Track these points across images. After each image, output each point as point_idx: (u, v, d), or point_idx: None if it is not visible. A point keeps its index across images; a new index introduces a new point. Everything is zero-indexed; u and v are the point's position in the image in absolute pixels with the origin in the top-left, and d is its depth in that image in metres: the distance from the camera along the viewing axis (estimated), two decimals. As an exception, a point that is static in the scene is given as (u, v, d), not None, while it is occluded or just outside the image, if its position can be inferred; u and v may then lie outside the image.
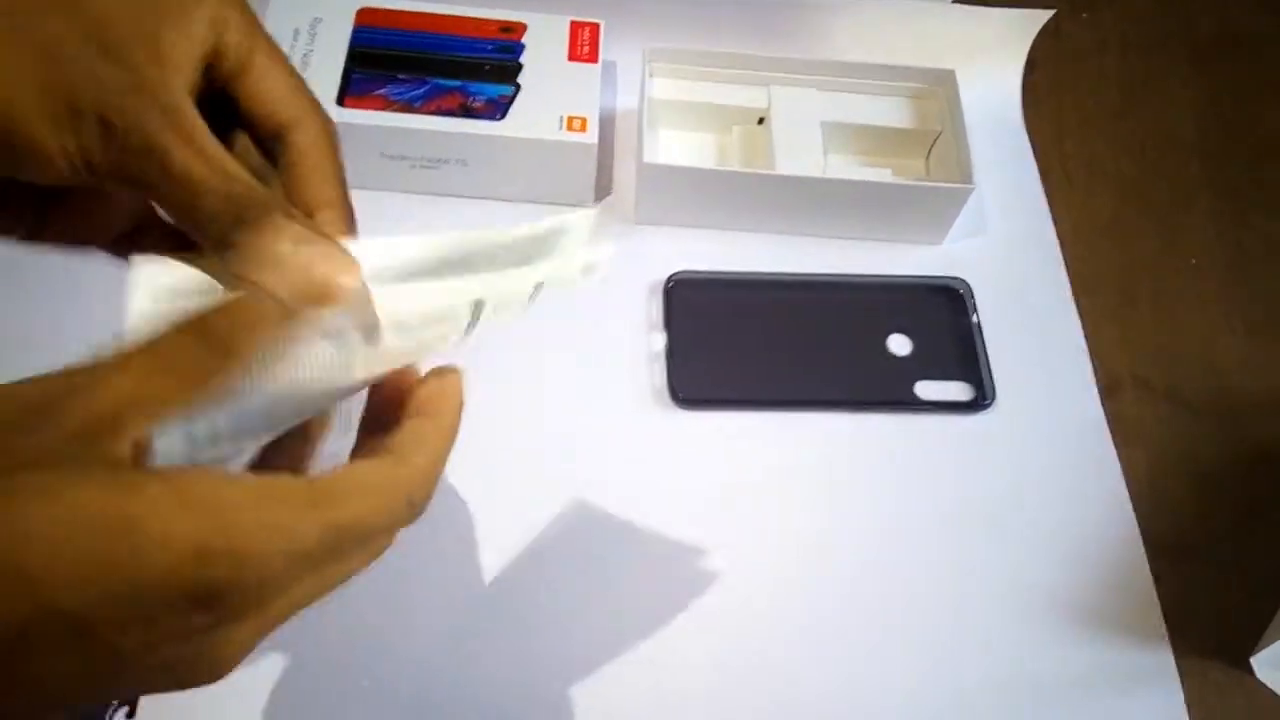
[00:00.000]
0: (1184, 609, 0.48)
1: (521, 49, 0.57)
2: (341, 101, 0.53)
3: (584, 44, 0.57)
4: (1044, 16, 0.63)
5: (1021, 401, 0.53)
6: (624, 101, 0.61)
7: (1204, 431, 0.54)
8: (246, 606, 0.21)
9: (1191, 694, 0.46)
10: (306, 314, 0.24)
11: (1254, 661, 0.47)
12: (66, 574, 0.19)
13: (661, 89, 0.59)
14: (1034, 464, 0.51)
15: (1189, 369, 0.56)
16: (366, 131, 0.53)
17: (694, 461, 0.50)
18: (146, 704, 0.42)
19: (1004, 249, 0.59)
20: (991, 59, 0.64)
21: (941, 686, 0.45)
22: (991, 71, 0.64)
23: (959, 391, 0.53)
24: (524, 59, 0.56)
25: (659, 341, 0.53)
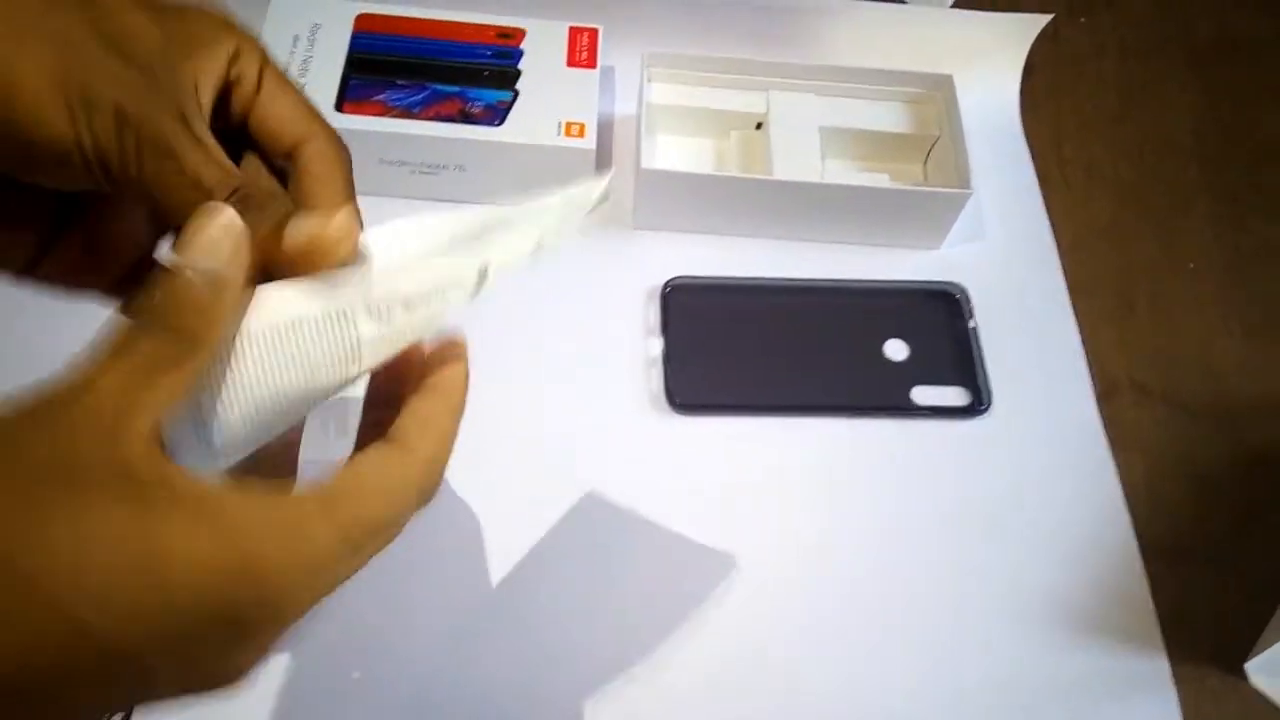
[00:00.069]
0: (1180, 613, 0.48)
1: (520, 54, 0.57)
2: (340, 107, 0.54)
3: (582, 49, 0.57)
4: (1042, 21, 0.63)
5: (1018, 406, 0.53)
6: (622, 107, 0.61)
7: (1201, 435, 0.54)
8: (266, 620, 0.21)
9: (1187, 699, 0.46)
10: (314, 294, 0.24)
11: (1249, 667, 0.47)
12: (96, 599, 0.19)
13: (660, 94, 0.59)
14: (1031, 468, 0.52)
15: (1186, 373, 0.56)
16: (365, 137, 0.53)
17: (691, 466, 0.50)
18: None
19: (1002, 253, 0.59)
20: (989, 64, 0.64)
21: (937, 690, 0.46)
22: (989, 76, 0.64)
23: (956, 396, 0.53)
24: (523, 64, 0.56)
25: (656, 346, 0.53)
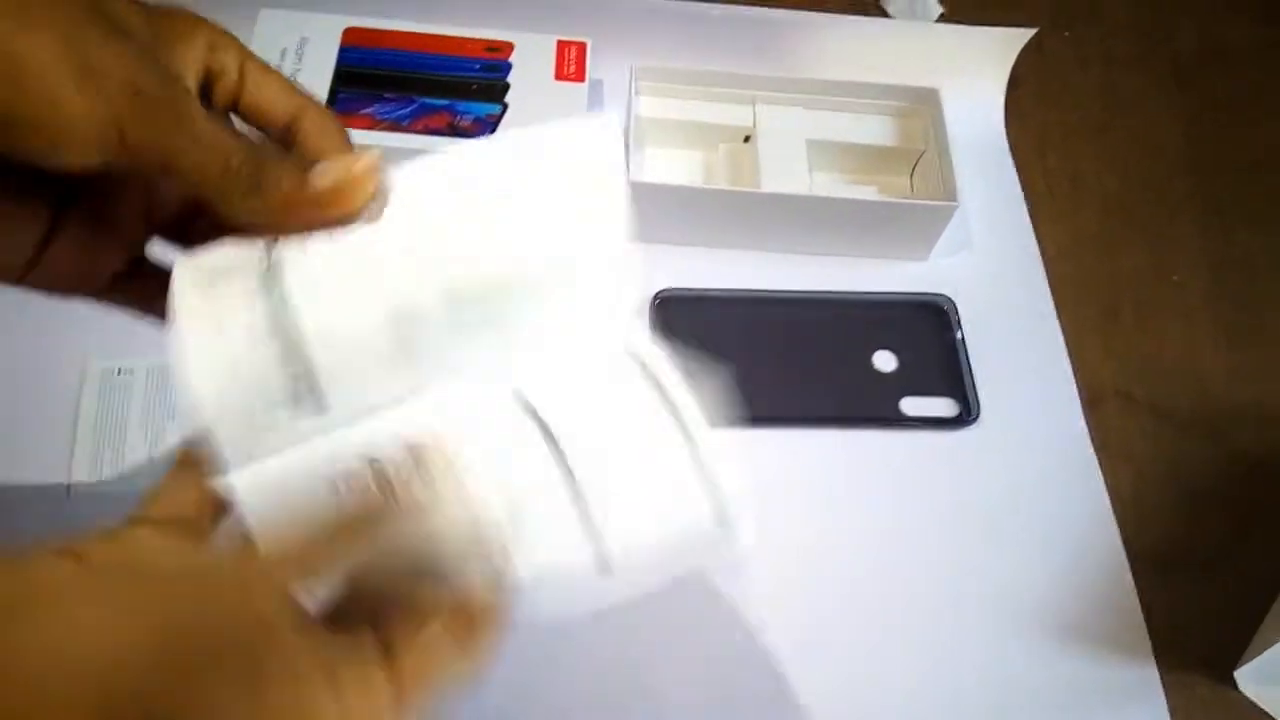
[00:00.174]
0: (1169, 622, 0.48)
1: (509, 68, 0.57)
2: (329, 121, 0.54)
3: (571, 63, 0.58)
4: (1027, 34, 0.63)
5: (1006, 416, 0.53)
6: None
7: (1188, 444, 0.54)
8: None
9: (1176, 708, 0.46)
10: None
11: (1239, 675, 0.47)
12: None
13: (648, 107, 0.59)
14: (1019, 478, 0.52)
15: (1173, 382, 0.56)
16: (354, 151, 0.53)
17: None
18: None
19: (989, 264, 0.59)
20: (975, 77, 0.64)
21: (928, 700, 0.45)
22: (975, 89, 0.64)
23: (944, 407, 0.53)
24: (511, 78, 0.57)
25: (646, 358, 0.53)
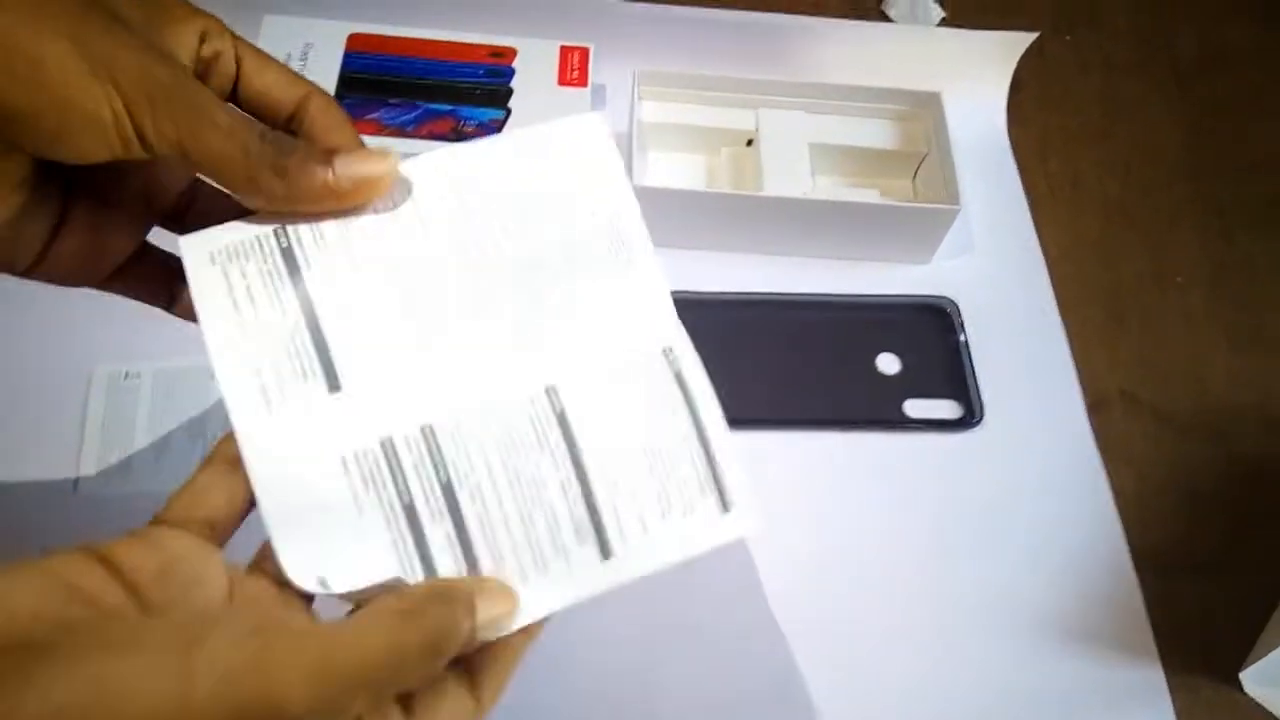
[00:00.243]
0: (1173, 624, 0.48)
1: (512, 73, 0.57)
2: (333, 126, 0.54)
3: (574, 68, 0.58)
4: (1028, 39, 0.64)
5: (1010, 419, 0.53)
6: (613, 125, 0.61)
7: (1191, 447, 0.54)
8: None
9: (1181, 709, 0.46)
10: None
11: (1243, 677, 0.47)
12: None
13: (651, 112, 0.59)
14: (1023, 481, 0.52)
15: (1175, 385, 0.56)
16: (358, 156, 0.53)
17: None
18: None
19: (991, 268, 0.59)
20: (977, 81, 0.64)
21: (930, 702, 0.45)
22: (977, 93, 0.64)
23: (948, 410, 0.53)
24: (514, 83, 0.57)
25: (649, 362, 0.53)
